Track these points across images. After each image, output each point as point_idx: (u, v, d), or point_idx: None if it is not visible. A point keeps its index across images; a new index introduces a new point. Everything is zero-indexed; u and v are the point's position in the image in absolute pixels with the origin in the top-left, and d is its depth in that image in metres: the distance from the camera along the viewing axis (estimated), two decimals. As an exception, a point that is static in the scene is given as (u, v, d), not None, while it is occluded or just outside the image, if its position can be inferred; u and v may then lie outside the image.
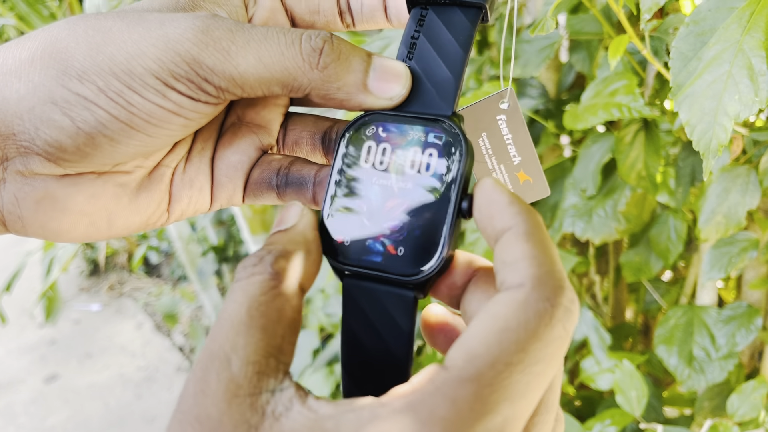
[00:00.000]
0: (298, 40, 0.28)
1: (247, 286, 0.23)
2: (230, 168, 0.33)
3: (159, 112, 0.27)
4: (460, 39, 0.29)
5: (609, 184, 0.79)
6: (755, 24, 0.39)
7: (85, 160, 0.27)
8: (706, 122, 0.40)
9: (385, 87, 0.29)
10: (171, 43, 0.26)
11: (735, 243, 0.70)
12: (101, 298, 2.97)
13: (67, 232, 0.29)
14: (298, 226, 0.26)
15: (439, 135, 0.28)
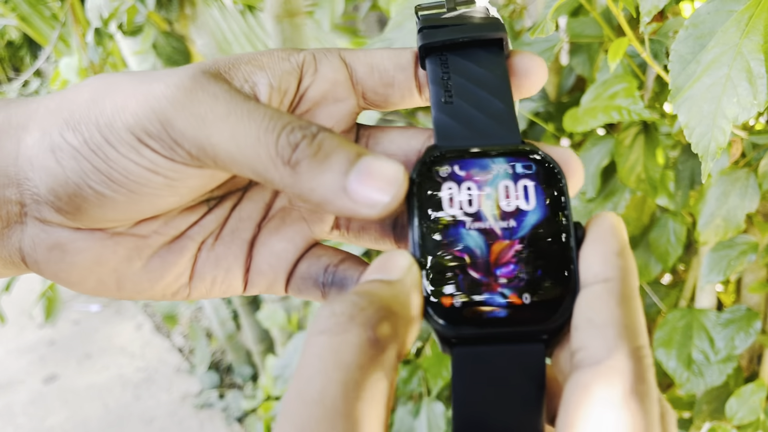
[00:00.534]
0: (279, 128, 0.25)
1: (340, 349, 0.19)
2: (273, 256, 0.30)
3: (135, 169, 0.26)
4: (496, 72, 0.28)
5: (609, 187, 0.80)
6: (754, 27, 0.39)
7: (80, 213, 0.27)
8: (705, 125, 0.40)
9: (366, 189, 0.24)
10: (150, 100, 0.25)
11: (734, 246, 0.70)
12: (101, 299, 2.97)
13: (77, 284, 0.29)
14: (406, 282, 0.22)
15: (527, 164, 0.25)
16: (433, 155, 0.26)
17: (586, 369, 0.21)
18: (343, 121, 0.30)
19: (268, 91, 0.28)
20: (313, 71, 0.29)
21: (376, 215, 0.24)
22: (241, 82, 0.27)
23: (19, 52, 3.79)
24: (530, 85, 0.29)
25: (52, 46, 1.73)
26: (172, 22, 1.41)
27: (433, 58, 0.28)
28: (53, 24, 1.87)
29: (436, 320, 0.24)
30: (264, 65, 0.28)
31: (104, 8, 1.36)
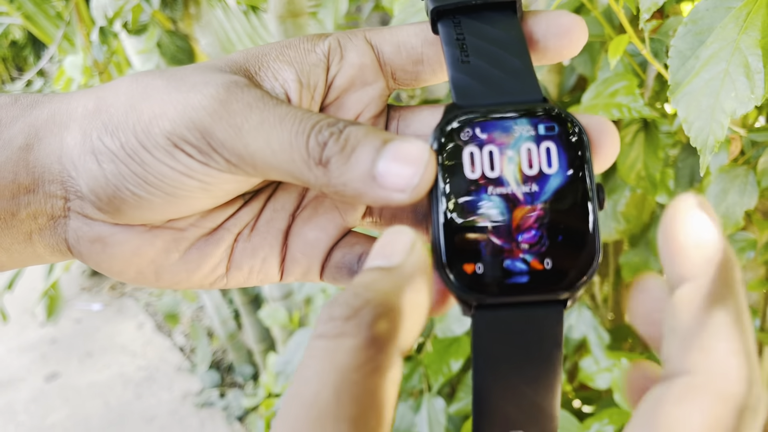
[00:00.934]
0: (308, 130, 0.25)
1: (335, 353, 0.19)
2: (306, 245, 0.31)
3: (170, 173, 0.27)
4: (511, 32, 0.27)
5: (609, 185, 0.80)
6: (752, 23, 0.40)
7: (119, 213, 0.28)
8: (704, 119, 0.41)
9: (394, 174, 0.24)
10: (188, 109, 0.26)
11: (733, 243, 0.70)
12: (103, 298, 2.98)
13: (118, 273, 0.30)
14: (406, 266, 0.21)
15: (550, 125, 0.25)
16: (452, 118, 0.25)
17: (665, 383, 0.18)
18: (373, 105, 0.30)
19: (297, 89, 0.28)
20: (340, 58, 0.29)
21: (408, 199, 0.24)
22: (271, 82, 0.28)
23: (22, 51, 3.80)
24: (571, 45, 0.28)
25: (57, 44, 1.74)
26: (177, 21, 1.42)
27: (445, 21, 0.28)
28: (58, 23, 1.88)
29: (457, 287, 0.24)
30: (291, 60, 0.28)
31: (109, 7, 1.37)
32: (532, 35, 0.28)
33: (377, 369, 0.19)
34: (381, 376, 0.19)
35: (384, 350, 0.19)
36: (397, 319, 0.19)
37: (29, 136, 0.28)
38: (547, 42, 0.28)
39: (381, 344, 0.19)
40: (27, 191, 0.28)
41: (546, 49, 0.28)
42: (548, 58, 0.28)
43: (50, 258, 0.30)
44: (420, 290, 0.21)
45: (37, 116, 0.28)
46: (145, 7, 1.30)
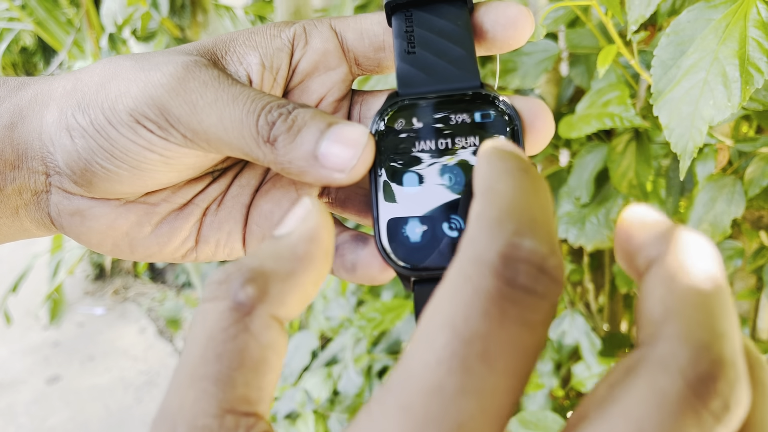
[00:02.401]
0: (258, 109, 0.27)
1: (206, 315, 0.19)
2: (261, 216, 0.33)
3: (133, 147, 0.28)
4: (458, 23, 0.29)
5: (602, 193, 0.82)
6: (730, 35, 0.42)
7: (92, 186, 0.30)
8: (684, 126, 0.43)
9: (335, 155, 0.26)
10: (149, 87, 0.28)
11: (721, 251, 0.72)
12: (106, 302, 3.00)
13: (96, 246, 0.32)
14: (293, 236, 0.21)
15: (485, 111, 0.27)
16: (391, 105, 0.28)
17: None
18: (336, 89, 0.32)
19: (260, 71, 0.30)
20: (304, 44, 0.31)
21: (347, 179, 0.26)
22: (236, 66, 0.30)
23: (32, 57, 3.84)
24: (517, 35, 0.29)
25: (67, 50, 1.77)
26: (185, 28, 1.44)
27: (398, 14, 0.30)
28: (68, 29, 1.91)
29: (395, 263, 0.26)
30: (257, 44, 0.30)
31: (119, 14, 1.39)
32: (481, 26, 0.29)
33: (244, 330, 0.19)
34: (249, 338, 0.19)
35: (251, 312, 0.19)
36: (267, 284, 0.19)
37: (14, 115, 0.30)
38: (495, 32, 0.29)
39: (248, 307, 0.19)
40: (12, 167, 0.30)
41: (494, 39, 0.29)
42: (497, 48, 0.30)
43: (36, 232, 0.32)
44: (304, 258, 0.20)
45: (21, 97, 0.31)
46: (154, 14, 1.33)
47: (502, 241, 0.16)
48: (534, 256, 0.16)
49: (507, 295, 0.16)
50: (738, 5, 0.43)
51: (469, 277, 0.16)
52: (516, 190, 0.18)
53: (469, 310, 0.16)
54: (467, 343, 0.15)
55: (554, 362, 0.96)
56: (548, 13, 0.58)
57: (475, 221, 0.18)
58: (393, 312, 1.02)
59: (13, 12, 1.98)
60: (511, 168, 0.19)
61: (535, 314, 0.16)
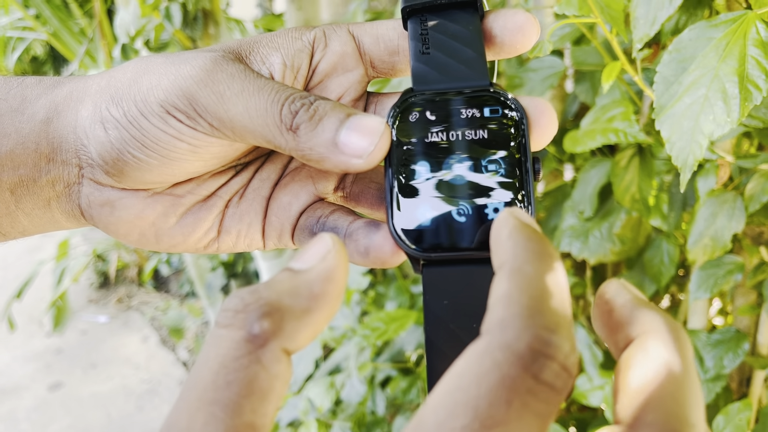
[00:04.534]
0: (282, 100, 0.29)
1: (221, 341, 0.20)
2: (280, 208, 0.34)
3: (163, 137, 0.30)
4: (470, 27, 0.31)
5: (606, 207, 0.83)
6: (730, 53, 0.44)
7: (123, 175, 0.32)
8: (685, 140, 0.44)
9: (354, 142, 0.28)
10: (179, 79, 0.30)
11: (721, 265, 0.73)
12: (109, 310, 3.00)
13: (124, 236, 0.34)
14: (311, 273, 0.22)
15: (493, 107, 0.29)
16: (406, 98, 0.30)
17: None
18: (353, 89, 0.34)
19: (282, 70, 0.32)
20: (324, 46, 0.33)
21: (365, 165, 0.28)
22: (259, 65, 0.32)
23: (43, 67, 3.88)
24: (524, 40, 0.31)
25: (79, 60, 1.79)
26: (196, 40, 1.47)
27: (414, 18, 0.32)
28: (81, 39, 1.94)
29: (406, 246, 0.28)
30: (279, 46, 0.32)
31: (132, 25, 1.42)
32: (491, 31, 0.31)
33: (256, 361, 0.20)
34: (260, 369, 0.20)
35: (264, 346, 0.20)
36: (282, 320, 0.20)
37: (50, 111, 0.32)
38: (503, 37, 0.31)
39: (262, 340, 0.20)
40: (47, 160, 0.32)
41: (503, 44, 0.31)
42: (505, 52, 0.32)
43: (66, 223, 0.34)
44: (319, 297, 0.21)
45: (57, 94, 0.33)
46: (167, 26, 1.35)
47: (532, 334, 0.17)
48: (559, 353, 0.17)
49: (531, 388, 0.17)
50: (738, 25, 0.44)
51: (497, 363, 0.17)
52: (545, 279, 0.19)
53: (494, 396, 0.17)
54: (487, 428, 0.16)
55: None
56: (554, 30, 0.60)
57: (506, 305, 0.19)
58: (397, 322, 1.03)
59: (26, 21, 2.01)
60: (537, 251, 0.20)
61: (551, 407, 0.17)
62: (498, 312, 0.19)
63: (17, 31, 2.08)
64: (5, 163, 0.31)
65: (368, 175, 0.34)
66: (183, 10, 1.37)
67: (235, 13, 1.73)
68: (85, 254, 2.73)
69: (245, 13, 1.96)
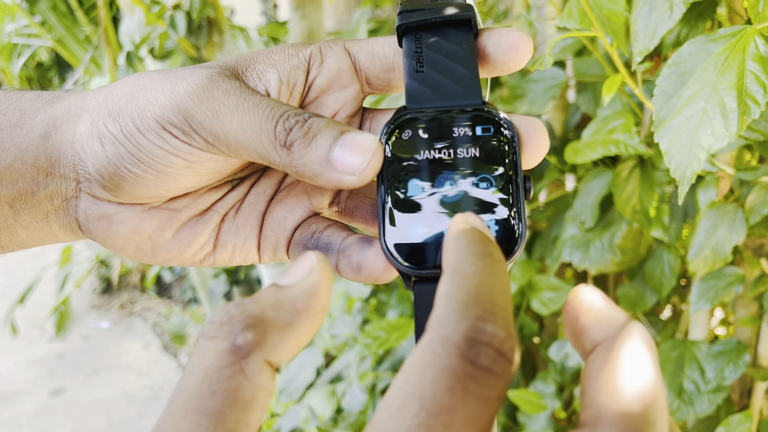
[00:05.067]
0: (277, 117, 0.29)
1: (206, 352, 0.21)
2: (275, 222, 0.34)
3: (159, 152, 0.31)
4: (464, 46, 0.31)
5: (607, 218, 0.83)
6: (729, 67, 0.44)
7: (120, 190, 0.32)
8: (683, 153, 0.44)
9: (347, 159, 0.28)
10: (175, 96, 0.30)
11: (722, 277, 0.73)
12: (112, 316, 3.01)
13: (121, 249, 0.34)
14: (294, 289, 0.23)
15: (485, 126, 0.29)
16: (399, 117, 0.30)
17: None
18: (348, 106, 0.34)
19: (278, 86, 0.32)
20: (319, 63, 0.33)
21: (357, 182, 0.29)
22: (255, 81, 0.32)
23: (48, 73, 3.91)
24: (517, 58, 0.31)
25: (84, 66, 1.80)
26: (200, 48, 1.48)
27: (409, 36, 0.32)
28: (86, 46, 1.95)
29: (397, 262, 0.28)
30: (275, 62, 0.33)
31: (137, 33, 1.43)
32: (485, 49, 0.32)
33: (239, 372, 0.20)
34: (243, 379, 0.20)
35: (248, 357, 0.20)
36: (266, 332, 0.21)
37: (48, 126, 0.33)
38: (497, 55, 0.32)
39: (245, 351, 0.20)
40: (45, 174, 0.32)
41: (496, 62, 0.32)
42: (498, 69, 0.32)
43: (64, 237, 0.34)
44: (302, 311, 0.22)
45: (56, 109, 0.33)
46: (172, 34, 1.36)
47: (467, 325, 0.19)
48: (494, 339, 0.18)
49: (470, 374, 0.18)
50: (737, 40, 0.45)
51: (437, 354, 0.18)
52: (481, 275, 0.20)
53: (437, 385, 0.18)
54: (434, 415, 0.17)
55: (557, 384, 0.97)
56: (556, 43, 0.60)
57: (444, 302, 0.20)
58: (398, 331, 1.03)
59: (32, 28, 2.02)
60: (478, 251, 0.21)
61: (492, 391, 0.18)
62: (438, 310, 0.20)
63: (23, 37, 2.09)
64: (4, 177, 0.32)
65: (363, 190, 0.35)
66: (188, 18, 1.38)
67: (239, 21, 1.74)
68: (88, 260, 2.73)
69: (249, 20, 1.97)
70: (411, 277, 0.29)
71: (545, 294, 0.96)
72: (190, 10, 1.37)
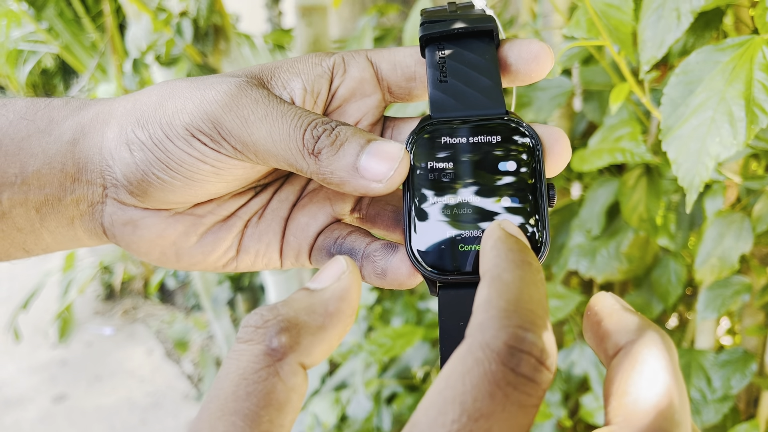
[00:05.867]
0: (305, 125, 0.30)
1: (241, 355, 0.21)
2: (298, 228, 0.35)
3: (188, 159, 0.31)
4: (486, 56, 0.32)
5: (613, 226, 0.83)
6: (737, 77, 0.44)
7: (147, 195, 0.32)
8: (691, 161, 0.45)
9: (374, 167, 0.29)
10: (204, 104, 0.31)
11: (729, 285, 0.73)
12: (115, 323, 3.01)
13: (145, 254, 0.35)
14: (326, 293, 0.23)
15: (510, 136, 0.30)
16: (424, 126, 0.31)
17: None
18: (370, 114, 0.35)
19: (302, 95, 0.33)
20: (343, 72, 0.34)
21: (384, 189, 0.29)
22: (280, 90, 0.33)
23: (52, 80, 3.92)
24: (539, 68, 0.32)
25: (90, 73, 1.81)
26: (207, 55, 1.48)
27: (431, 47, 0.33)
28: (92, 53, 1.96)
29: (423, 268, 0.29)
30: (299, 71, 0.33)
31: (143, 40, 1.43)
32: (506, 59, 0.32)
33: (274, 374, 0.21)
34: (278, 381, 0.21)
35: (282, 359, 0.21)
36: (299, 336, 0.22)
37: (76, 132, 0.33)
38: (518, 65, 0.32)
39: (280, 354, 0.21)
40: (72, 180, 0.33)
41: (518, 72, 0.32)
42: (520, 80, 0.32)
43: (88, 241, 0.35)
44: (334, 314, 0.23)
45: (83, 116, 0.34)
46: (178, 41, 1.37)
47: (508, 333, 0.19)
48: (534, 349, 0.19)
49: (510, 381, 0.18)
50: (745, 49, 0.45)
51: (478, 360, 0.19)
52: (520, 283, 0.21)
53: (477, 391, 0.18)
54: (473, 420, 0.18)
55: (562, 393, 0.97)
56: (564, 51, 0.60)
57: (485, 309, 0.20)
58: (403, 338, 1.03)
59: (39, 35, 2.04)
60: (516, 260, 0.22)
61: (531, 398, 0.19)
62: (478, 316, 0.20)
63: (29, 44, 2.10)
64: (32, 183, 0.32)
65: (384, 197, 0.35)
66: (194, 25, 1.39)
67: (244, 28, 1.75)
68: (92, 266, 2.74)
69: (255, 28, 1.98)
70: (436, 282, 0.29)
71: (551, 302, 0.96)
72: (196, 17, 1.37)
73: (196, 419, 0.21)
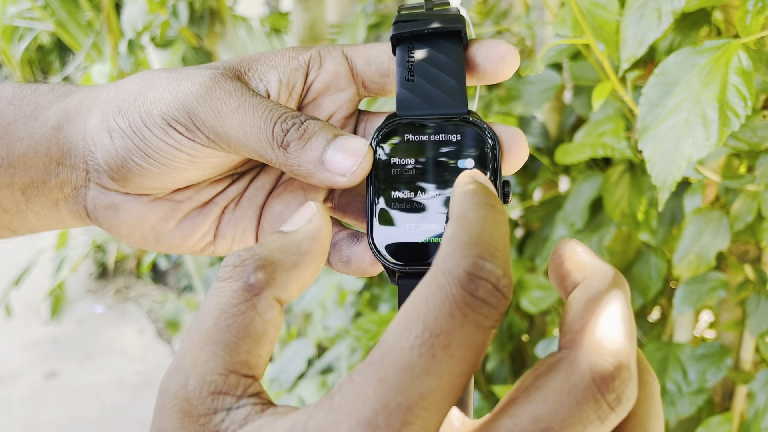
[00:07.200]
0: (275, 118, 0.31)
1: (221, 292, 0.23)
2: (272, 216, 0.36)
3: (164, 147, 0.32)
4: (453, 57, 0.33)
5: (596, 220, 0.85)
6: (712, 80, 0.45)
7: (126, 181, 0.34)
8: (665, 161, 0.46)
9: (339, 161, 0.30)
10: (180, 94, 0.32)
11: (705, 281, 0.75)
12: (107, 301, 3.02)
13: (126, 237, 0.36)
14: (299, 233, 0.25)
15: (470, 134, 0.31)
16: (389, 123, 0.32)
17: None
18: (344, 107, 0.36)
19: (278, 87, 0.34)
20: (318, 66, 0.35)
21: (347, 183, 0.31)
22: (256, 82, 0.34)
23: (48, 56, 3.90)
24: (505, 69, 0.33)
25: (85, 52, 1.81)
26: (202, 38, 1.48)
27: (402, 46, 0.34)
28: (88, 31, 1.96)
29: (383, 258, 0.31)
30: (276, 64, 0.35)
31: (139, 21, 1.43)
32: (474, 59, 0.33)
33: (252, 308, 0.23)
34: (255, 315, 0.23)
35: (259, 294, 0.23)
36: (275, 272, 0.24)
37: (61, 118, 0.34)
38: (485, 66, 0.33)
39: (257, 289, 0.23)
40: (57, 164, 0.34)
41: (485, 72, 0.33)
42: (487, 79, 0.34)
43: (72, 223, 0.36)
44: (306, 253, 0.25)
45: (68, 102, 0.35)
46: (173, 23, 1.37)
47: (468, 262, 0.21)
48: (491, 276, 0.20)
49: (468, 303, 0.20)
50: (722, 53, 0.46)
51: (440, 285, 0.20)
52: (483, 221, 0.22)
53: (439, 311, 0.20)
54: (435, 336, 0.19)
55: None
56: (549, 48, 0.61)
57: (448, 242, 0.22)
58: (388, 324, 1.05)
59: (34, 12, 2.03)
60: (481, 201, 0.23)
61: (487, 320, 0.20)
62: (442, 249, 0.22)
63: (25, 20, 2.09)
64: (17, 166, 0.34)
65: (355, 189, 0.36)
66: (190, 8, 1.38)
67: (241, 11, 1.74)
68: (85, 244, 2.74)
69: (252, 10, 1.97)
70: (396, 272, 0.31)
71: (534, 293, 0.97)
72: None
73: (180, 351, 0.22)
